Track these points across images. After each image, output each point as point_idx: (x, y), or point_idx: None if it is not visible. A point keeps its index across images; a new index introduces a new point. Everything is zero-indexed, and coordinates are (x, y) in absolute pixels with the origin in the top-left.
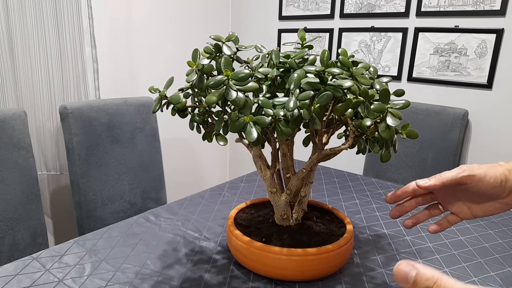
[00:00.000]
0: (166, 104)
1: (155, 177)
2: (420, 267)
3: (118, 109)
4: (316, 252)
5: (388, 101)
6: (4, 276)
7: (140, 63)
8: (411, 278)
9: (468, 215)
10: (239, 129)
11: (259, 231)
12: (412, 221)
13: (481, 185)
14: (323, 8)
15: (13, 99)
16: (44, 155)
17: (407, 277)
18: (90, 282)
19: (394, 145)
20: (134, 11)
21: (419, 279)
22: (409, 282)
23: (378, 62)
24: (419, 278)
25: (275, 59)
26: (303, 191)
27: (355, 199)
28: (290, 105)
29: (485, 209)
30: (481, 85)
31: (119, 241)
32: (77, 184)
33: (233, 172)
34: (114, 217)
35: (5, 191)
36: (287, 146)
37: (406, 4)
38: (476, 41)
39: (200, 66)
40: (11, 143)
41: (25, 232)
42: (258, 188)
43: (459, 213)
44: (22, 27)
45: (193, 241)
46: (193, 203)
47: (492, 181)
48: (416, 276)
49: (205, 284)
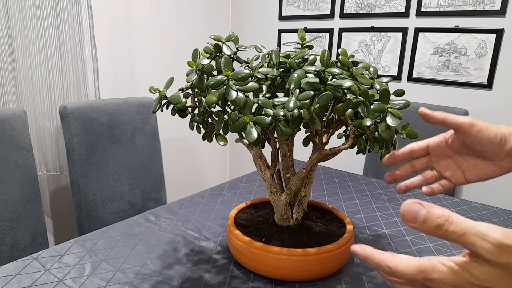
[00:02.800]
0: (166, 104)
1: (155, 177)
2: (430, 206)
3: (118, 109)
4: (316, 252)
5: (388, 101)
6: (4, 276)
7: (140, 63)
8: (421, 216)
9: (461, 180)
10: (239, 129)
11: (259, 231)
12: (406, 184)
13: (480, 138)
14: (323, 8)
15: (13, 99)
16: (44, 155)
17: (416, 215)
18: (90, 282)
19: (394, 145)
20: (134, 11)
21: (429, 218)
22: (418, 221)
23: (378, 62)
24: (429, 216)
25: (275, 59)
26: (303, 191)
27: (355, 199)
28: (290, 105)
29: (479, 172)
30: (481, 85)
31: (119, 241)
32: (77, 184)
33: (233, 172)
34: (114, 217)
35: (5, 191)
36: (287, 146)
37: (406, 4)
38: (476, 41)
39: (200, 66)
40: (11, 143)
41: (25, 232)
42: (258, 188)
43: (453, 177)
44: (22, 27)
45: (193, 241)
46: (193, 203)
47: (492, 136)
48: (426, 214)
49: (205, 284)
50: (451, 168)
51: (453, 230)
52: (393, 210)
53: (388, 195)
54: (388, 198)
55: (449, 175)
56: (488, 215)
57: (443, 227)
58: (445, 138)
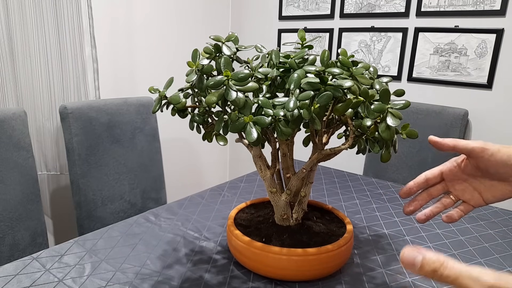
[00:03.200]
0: (166, 104)
1: (155, 177)
2: (425, 252)
3: (118, 109)
4: (316, 252)
5: (388, 101)
6: (4, 276)
7: (140, 63)
8: (418, 262)
9: (479, 202)
10: (239, 129)
11: (259, 231)
12: (425, 214)
13: (493, 161)
14: (323, 8)
15: (13, 99)
16: (44, 155)
17: (414, 262)
18: (90, 282)
19: (394, 145)
20: (134, 11)
21: (426, 263)
22: (416, 266)
23: (378, 62)
24: (425, 262)
25: (275, 59)
26: (303, 191)
27: (355, 199)
28: (290, 105)
29: (495, 193)
30: (481, 85)
31: (119, 241)
32: (77, 184)
33: (233, 172)
34: (114, 217)
35: (5, 191)
36: (287, 146)
37: (406, 4)
38: (476, 41)
39: (200, 66)
40: (11, 143)
41: (25, 232)
42: (258, 188)
43: (470, 200)
44: (22, 27)
45: (193, 241)
46: (193, 203)
47: (505, 158)
48: (423, 260)
49: (205, 284)
50: (468, 191)
51: (448, 274)
52: (393, 210)
53: (388, 195)
54: (388, 198)
55: (467, 198)
56: (488, 215)
57: (438, 272)
58: (457, 163)
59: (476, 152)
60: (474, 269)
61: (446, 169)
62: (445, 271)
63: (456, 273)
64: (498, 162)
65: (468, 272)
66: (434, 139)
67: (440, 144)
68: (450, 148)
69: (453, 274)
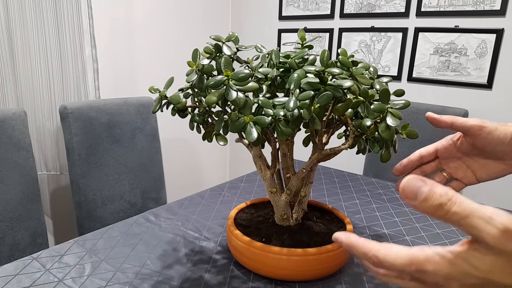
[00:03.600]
0: (166, 104)
1: (155, 177)
2: (433, 183)
3: (118, 109)
4: (316, 252)
5: (388, 101)
6: (4, 276)
7: (140, 63)
8: (422, 194)
9: (472, 180)
10: (239, 129)
11: (259, 231)
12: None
13: (490, 139)
14: (323, 8)
15: (13, 99)
16: (44, 155)
17: (417, 192)
18: (90, 282)
19: (394, 145)
20: (134, 11)
21: (431, 195)
22: (419, 198)
23: (378, 62)
24: (431, 194)
25: (275, 59)
26: (303, 191)
27: (355, 199)
28: (290, 105)
29: (489, 171)
30: (481, 85)
31: (119, 241)
32: (77, 184)
33: (233, 172)
34: (114, 217)
35: (5, 191)
36: (287, 146)
37: (406, 4)
38: (476, 41)
39: (200, 66)
40: (11, 143)
41: (25, 232)
42: (258, 188)
43: (464, 178)
44: (22, 27)
45: (193, 241)
46: (193, 203)
47: (502, 136)
48: (429, 191)
49: (205, 284)
50: (461, 169)
51: (456, 210)
52: (393, 210)
53: (388, 195)
54: (388, 198)
55: (460, 176)
56: None
57: (445, 207)
58: (453, 141)
59: (474, 129)
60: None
61: (441, 147)
62: (453, 206)
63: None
64: (495, 140)
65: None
66: (432, 116)
67: (437, 120)
68: (447, 125)
69: (462, 210)
